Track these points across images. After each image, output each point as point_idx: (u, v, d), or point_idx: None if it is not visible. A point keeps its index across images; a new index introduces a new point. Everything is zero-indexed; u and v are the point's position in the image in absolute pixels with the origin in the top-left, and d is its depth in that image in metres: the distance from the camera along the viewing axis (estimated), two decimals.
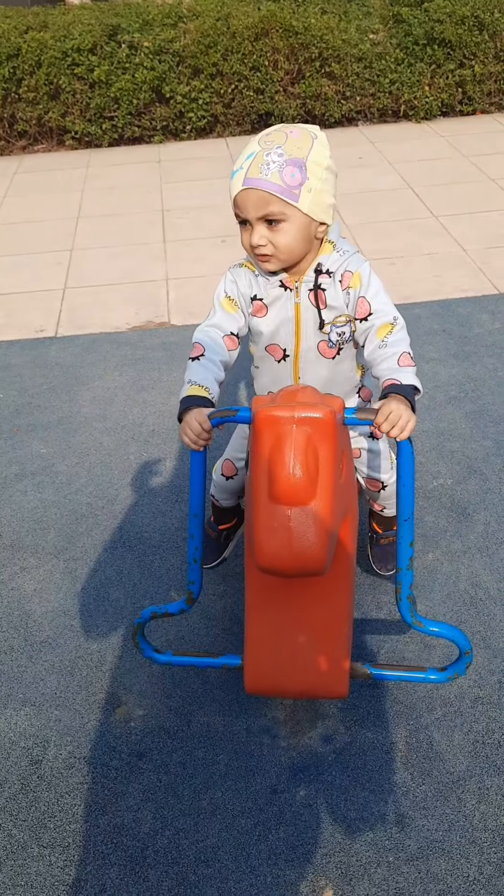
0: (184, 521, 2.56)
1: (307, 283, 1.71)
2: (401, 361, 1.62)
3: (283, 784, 1.81)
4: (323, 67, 6.17)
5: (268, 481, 1.41)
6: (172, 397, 3.18)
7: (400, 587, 1.65)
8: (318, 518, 1.40)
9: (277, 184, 1.54)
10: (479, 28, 6.21)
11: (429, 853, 1.67)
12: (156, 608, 1.78)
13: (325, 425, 1.41)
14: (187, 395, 1.63)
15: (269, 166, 1.54)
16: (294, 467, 1.38)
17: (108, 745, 1.91)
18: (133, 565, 2.40)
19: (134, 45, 6.04)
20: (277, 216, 1.57)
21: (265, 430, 1.41)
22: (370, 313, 1.68)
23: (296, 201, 1.56)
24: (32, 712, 1.99)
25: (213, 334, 1.75)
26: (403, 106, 6.41)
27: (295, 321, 1.75)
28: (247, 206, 1.59)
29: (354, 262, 1.70)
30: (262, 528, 1.41)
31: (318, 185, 1.58)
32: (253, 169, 1.55)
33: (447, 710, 1.94)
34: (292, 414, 1.39)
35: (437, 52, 6.24)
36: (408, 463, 1.53)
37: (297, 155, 1.55)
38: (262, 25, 6.03)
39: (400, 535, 1.60)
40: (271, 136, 1.57)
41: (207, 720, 1.95)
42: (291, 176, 1.54)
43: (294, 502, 1.40)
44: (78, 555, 2.45)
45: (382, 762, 1.84)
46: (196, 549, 1.67)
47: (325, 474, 1.41)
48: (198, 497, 1.63)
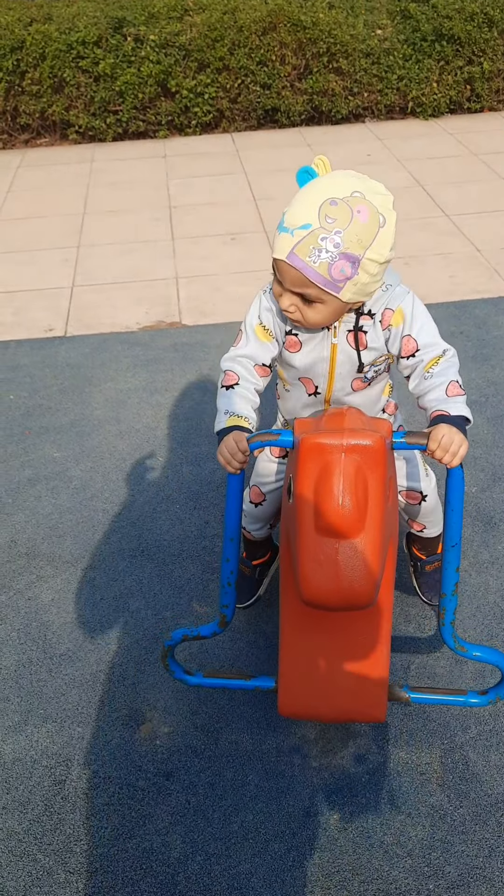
0: (203, 528, 2.50)
1: (346, 324, 1.61)
2: (449, 391, 1.53)
3: (316, 806, 1.75)
4: (331, 63, 6.09)
5: (314, 512, 1.34)
6: (187, 400, 3.12)
7: (444, 613, 1.59)
8: (366, 552, 1.34)
9: (323, 276, 1.43)
10: (488, 24, 6.14)
11: (470, 880, 1.62)
12: (187, 630, 1.71)
13: (376, 453, 1.34)
14: (226, 427, 1.55)
15: (320, 254, 1.41)
16: (343, 499, 1.31)
17: (133, 764, 1.84)
18: (153, 575, 2.34)
19: (139, 39, 5.95)
20: (314, 299, 1.48)
21: (312, 459, 1.34)
22: (417, 349, 1.59)
23: (337, 293, 1.46)
24: (54, 729, 1.93)
25: (246, 363, 1.65)
26: (411, 103, 6.34)
27: (330, 361, 1.64)
28: (284, 276, 1.48)
29: (396, 298, 1.59)
30: (308, 562, 1.35)
31: (366, 279, 1.46)
32: (302, 247, 1.42)
33: (482, 728, 1.88)
34: (341, 441, 1.32)
35: (446, 48, 6.17)
36: (458, 489, 1.46)
37: (355, 250, 1.41)
38: (270, 19, 5.95)
39: (446, 561, 1.54)
40: (337, 208, 1.40)
41: (235, 738, 1.89)
42: (341, 271, 1.42)
43: (342, 535, 1.33)
44: (96, 563, 2.39)
45: (418, 783, 1.78)
46: (231, 572, 1.61)
47: (375, 504, 1.35)
48: (234, 521, 1.56)
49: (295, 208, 1.47)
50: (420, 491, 1.88)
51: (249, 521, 2.01)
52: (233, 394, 1.61)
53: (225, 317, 3.68)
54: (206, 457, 2.79)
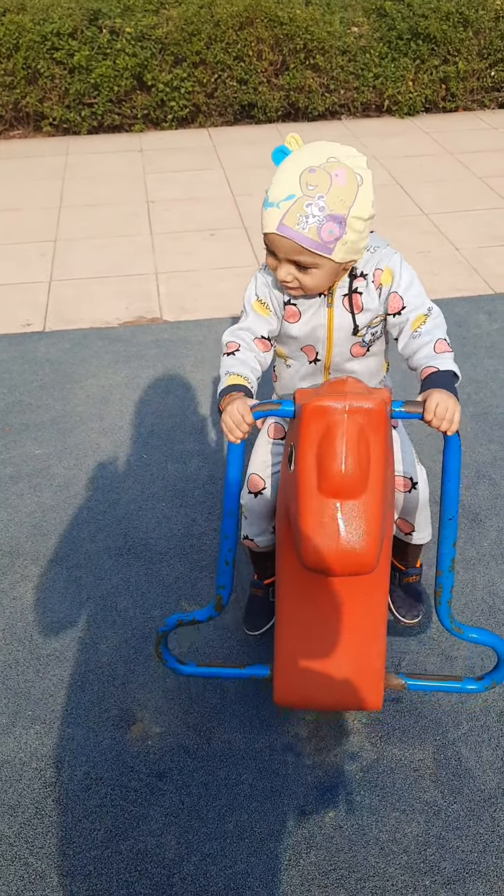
0: (189, 526, 2.48)
1: (341, 288, 1.65)
2: (437, 348, 1.57)
3: (310, 805, 1.74)
4: (307, 59, 6.09)
5: (316, 474, 1.34)
6: (170, 397, 3.09)
7: (441, 590, 1.59)
8: (368, 514, 1.34)
9: (314, 240, 1.49)
10: (463, 24, 6.19)
11: (465, 875, 1.62)
12: (182, 615, 1.70)
13: (378, 416, 1.35)
14: (227, 385, 1.57)
15: (307, 220, 1.47)
16: (346, 459, 1.31)
17: (125, 764, 1.82)
18: (140, 573, 2.31)
19: (115, 31, 5.88)
20: (308, 264, 1.53)
21: (315, 421, 1.34)
22: (403, 307, 1.63)
23: (329, 254, 1.51)
24: (43, 730, 1.90)
25: (245, 336, 1.68)
26: (387, 101, 6.36)
27: (328, 327, 1.69)
28: (277, 247, 1.53)
29: (385, 258, 1.64)
30: (310, 523, 1.34)
31: (354, 237, 1.52)
32: (290, 217, 1.48)
33: (473, 724, 1.90)
34: (344, 404, 1.33)
35: (422, 47, 6.20)
36: (455, 458, 1.47)
37: (339, 210, 1.47)
38: (247, 14, 5.92)
39: (443, 536, 1.55)
40: (316, 175, 1.46)
41: (228, 737, 1.87)
42: (329, 232, 1.48)
43: (345, 496, 1.33)
44: (81, 562, 2.35)
45: (411, 780, 1.79)
46: (229, 549, 1.59)
47: (376, 467, 1.35)
48: (233, 494, 1.55)
49: (276, 183, 1.52)
50: (411, 477, 1.86)
51: (250, 522, 1.97)
52: (233, 358, 1.63)
53: (206, 313, 3.65)
54: (191, 454, 2.77)
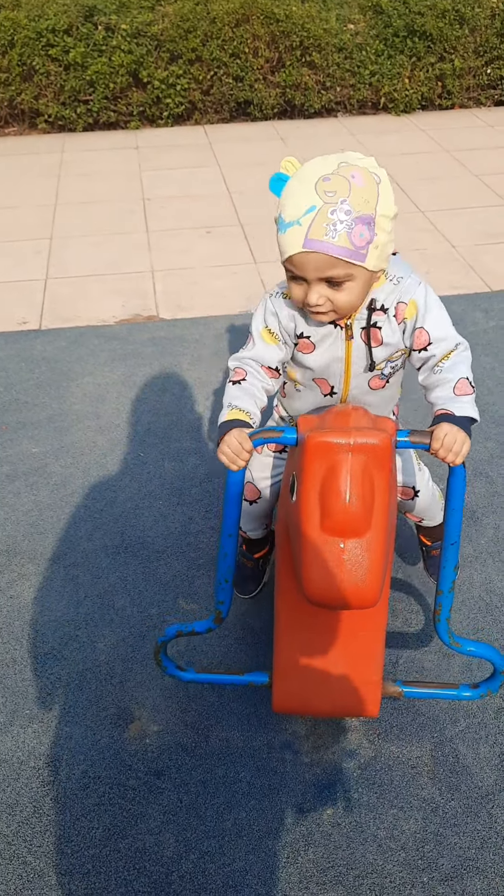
0: (186, 524, 2.48)
1: (359, 321, 1.57)
2: (457, 389, 1.49)
3: (308, 802, 1.75)
4: (303, 56, 6.08)
5: (319, 511, 1.33)
6: (167, 395, 3.09)
7: (440, 609, 1.59)
8: (371, 551, 1.33)
9: (346, 247, 1.39)
10: (459, 22, 6.18)
11: (463, 872, 1.63)
12: (181, 626, 1.70)
13: (382, 452, 1.33)
14: (227, 420, 1.52)
15: (335, 227, 1.37)
16: (350, 498, 1.30)
17: (123, 763, 1.82)
18: (137, 572, 2.31)
19: (111, 28, 5.87)
20: (342, 278, 1.43)
21: (318, 457, 1.33)
22: (430, 343, 1.55)
23: (363, 262, 1.42)
24: (41, 729, 1.89)
25: (252, 364, 1.61)
26: (383, 98, 6.36)
27: (345, 361, 1.61)
28: (306, 268, 1.42)
29: (408, 290, 1.54)
30: (313, 562, 1.34)
31: (384, 238, 1.43)
32: (316, 229, 1.37)
33: (471, 721, 1.90)
34: (348, 440, 1.31)
35: (418, 44, 6.19)
36: (459, 488, 1.46)
37: (366, 211, 1.38)
38: (243, 11, 5.91)
39: (444, 559, 1.55)
40: (332, 182, 1.37)
41: (226, 735, 1.88)
42: (360, 236, 1.38)
43: (348, 534, 1.32)
44: (78, 561, 2.35)
45: (409, 777, 1.79)
46: (228, 568, 1.59)
47: (380, 504, 1.34)
48: (233, 517, 1.55)
49: (289, 202, 1.42)
50: (413, 486, 1.88)
51: (245, 521, 1.98)
52: (238, 389, 1.57)
53: (203, 311, 3.65)
54: (189, 452, 2.77)
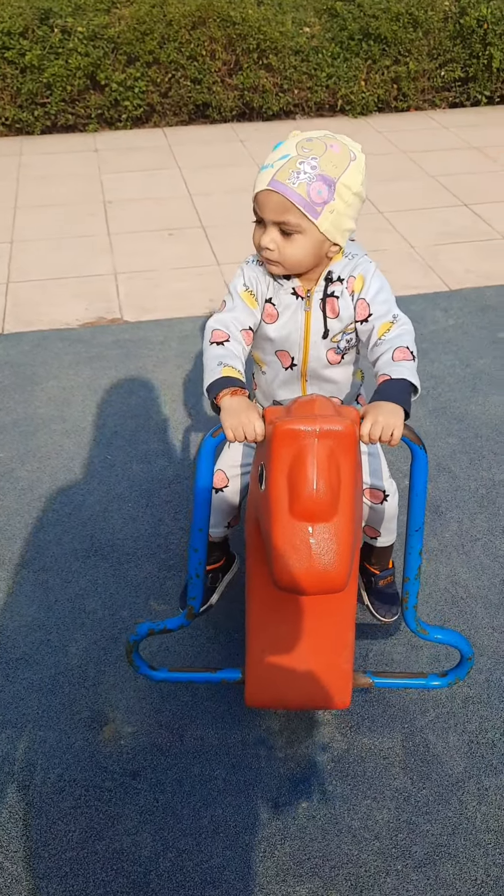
0: (156, 526, 2.48)
1: (318, 293, 1.66)
2: (395, 356, 1.55)
3: (284, 797, 1.77)
4: (261, 59, 6.12)
5: (288, 497, 1.36)
6: (133, 397, 3.09)
7: (407, 597, 1.63)
8: (339, 535, 1.36)
9: (302, 196, 1.51)
10: (413, 25, 6.28)
11: (435, 858, 1.67)
12: (152, 624, 1.71)
13: (347, 438, 1.36)
14: (223, 376, 1.53)
15: (298, 175, 1.50)
16: (317, 483, 1.34)
17: (98, 765, 1.83)
18: (108, 574, 2.31)
19: (67, 30, 5.84)
20: (293, 227, 1.54)
21: (285, 444, 1.36)
22: (370, 314, 1.64)
23: (315, 218, 1.53)
24: (14, 734, 1.89)
25: (232, 326, 1.64)
26: (340, 101, 6.43)
27: (304, 330, 1.69)
28: (266, 207, 1.55)
29: (359, 266, 1.66)
30: (282, 547, 1.36)
31: (342, 207, 1.54)
32: (282, 172, 1.51)
33: (440, 711, 1.94)
34: (314, 427, 1.34)
35: (373, 47, 6.27)
36: (422, 471, 1.50)
37: (330, 173, 1.51)
38: (200, 14, 5.92)
39: (410, 545, 1.58)
40: (312, 142, 1.53)
41: (201, 734, 1.89)
42: (318, 192, 1.50)
43: (316, 519, 1.35)
44: (48, 565, 2.34)
45: (381, 768, 1.83)
46: (199, 563, 1.61)
47: (346, 489, 1.38)
48: (203, 510, 1.56)
49: (274, 152, 1.57)
50: (383, 490, 1.90)
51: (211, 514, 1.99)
52: (223, 349, 1.59)
53: (166, 313, 3.66)
54: (156, 454, 2.78)
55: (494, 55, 6.39)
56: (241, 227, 4.50)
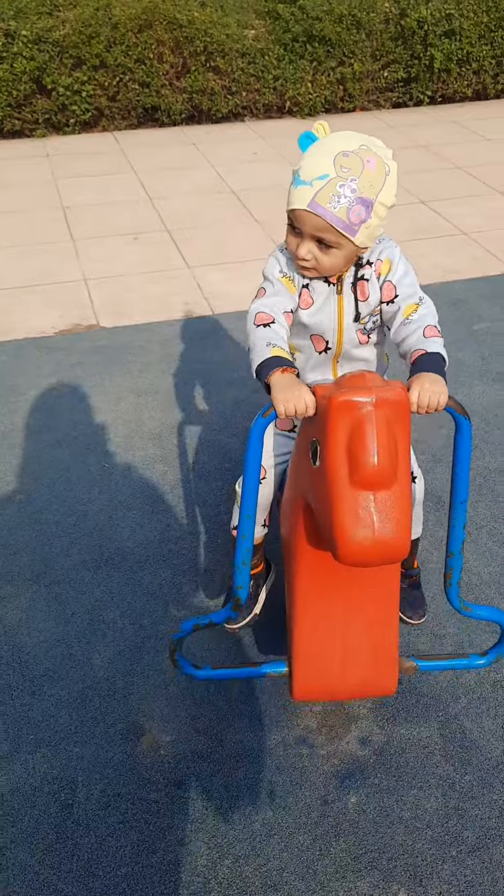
0: (164, 532, 2.45)
1: (349, 277, 1.70)
2: (426, 333, 1.61)
3: (332, 794, 1.77)
4: (208, 62, 6.12)
5: (348, 467, 1.36)
6: (122, 403, 3.04)
7: (451, 573, 1.64)
8: (399, 502, 1.37)
9: (342, 220, 1.54)
10: (356, 27, 6.37)
11: (487, 842, 1.69)
12: (197, 619, 1.68)
13: (401, 406, 1.38)
14: (272, 356, 1.54)
15: (339, 200, 1.52)
16: (379, 451, 1.34)
17: (141, 777, 1.79)
18: (122, 583, 2.27)
19: (10, 34, 5.72)
20: (331, 243, 1.58)
21: (343, 416, 1.36)
22: (396, 296, 1.68)
23: (353, 236, 1.57)
24: (49, 752, 1.84)
25: (277, 308, 1.66)
26: (288, 102, 6.47)
27: (338, 314, 1.72)
28: (304, 223, 1.58)
29: (386, 250, 1.69)
30: (346, 517, 1.36)
31: (376, 223, 1.58)
32: (323, 195, 1.53)
33: (471, 697, 1.97)
34: (371, 397, 1.35)
35: (318, 49, 6.34)
36: (466, 442, 1.52)
37: (369, 195, 1.54)
38: (146, 17, 5.89)
39: (454, 518, 1.60)
40: (350, 159, 1.53)
41: (240, 738, 1.87)
42: (357, 214, 1.54)
43: (378, 487, 1.36)
44: (59, 577, 2.29)
45: (423, 757, 1.84)
46: (248, 550, 1.58)
47: (403, 456, 1.39)
48: (251, 496, 1.55)
49: (309, 162, 1.57)
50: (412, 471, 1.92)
51: None
52: (270, 330, 1.61)
53: (144, 317, 3.62)
54: (155, 460, 2.74)
55: (436, 56, 6.54)
56: (207, 230, 4.50)
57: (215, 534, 2.43)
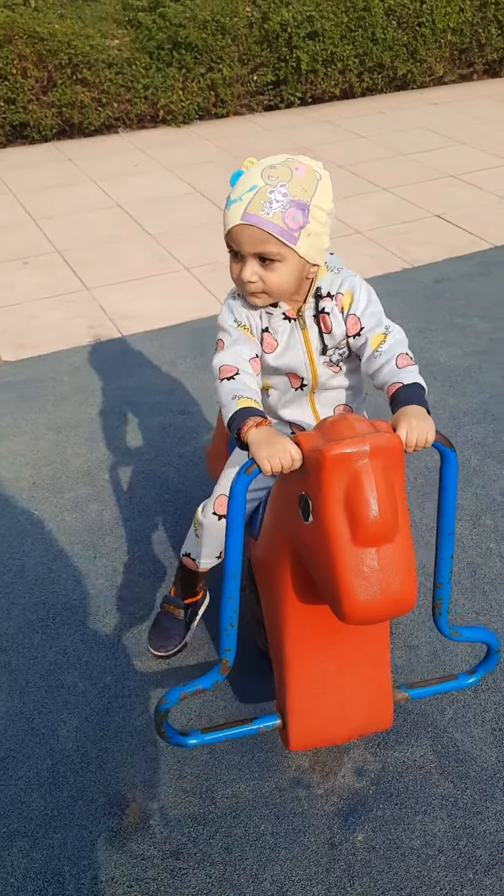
0: (111, 577, 2.30)
1: (309, 310, 1.63)
2: (399, 363, 1.56)
3: (337, 834, 1.69)
4: (74, 74, 5.92)
5: (349, 525, 1.28)
6: (41, 441, 2.85)
7: (441, 603, 1.60)
8: (404, 552, 1.31)
9: (278, 225, 1.47)
10: (221, 32, 6.32)
11: (501, 857, 1.65)
12: (183, 688, 1.56)
13: (396, 453, 1.31)
14: (241, 408, 1.45)
15: (271, 205, 1.46)
16: (379, 505, 1.27)
17: (133, 854, 1.65)
18: (76, 641, 2.11)
19: None
20: (273, 256, 1.50)
21: (337, 470, 1.27)
22: (361, 328, 1.61)
23: (294, 244, 1.49)
24: (27, 844, 1.66)
25: (239, 358, 1.57)
26: (161, 111, 6.36)
27: (306, 347, 1.64)
28: (242, 241, 1.51)
29: (346, 281, 1.62)
30: (352, 578, 1.28)
31: (317, 228, 1.51)
32: (254, 205, 1.47)
33: (456, 707, 1.94)
34: (363, 447, 1.27)
35: (185, 56, 6.26)
36: (452, 474, 1.47)
37: (302, 197, 1.48)
38: (4, 32, 5.62)
39: (443, 549, 1.55)
40: (276, 170, 1.49)
41: (232, 791, 1.76)
42: (293, 218, 1.48)
43: (381, 542, 1.29)
44: (4, 644, 2.10)
45: (421, 778, 1.79)
46: (234, 612, 1.48)
47: (402, 503, 1.32)
48: (236, 556, 1.44)
49: (237, 185, 1.53)
50: None
51: (201, 542, 1.86)
52: (235, 382, 1.52)
53: (49, 346, 3.42)
54: (87, 499, 2.58)
55: (301, 57, 6.58)
56: (100, 248, 4.33)
57: (168, 571, 2.30)
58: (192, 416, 2.97)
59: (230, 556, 1.44)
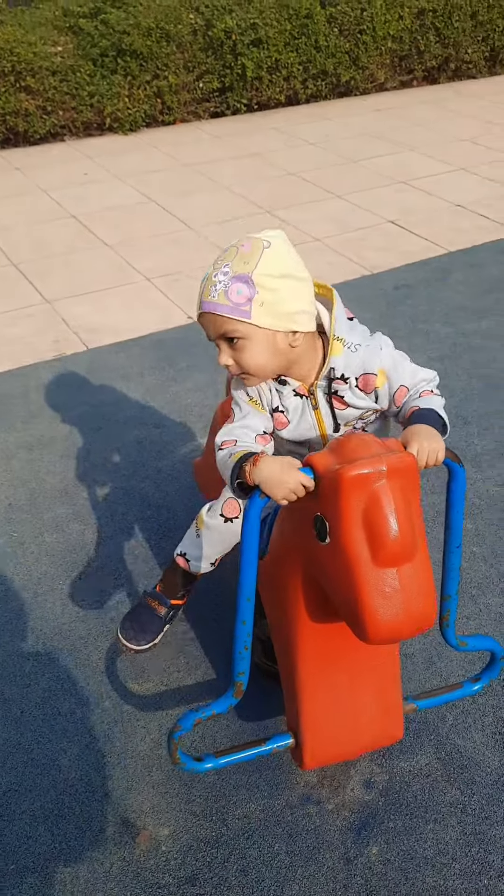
0: (100, 599, 2.25)
1: (321, 389, 1.61)
2: (422, 394, 1.60)
3: (352, 849, 1.69)
4: (18, 82, 5.81)
5: (369, 546, 1.28)
6: (14, 461, 2.78)
7: (448, 615, 1.61)
8: (423, 570, 1.31)
9: (224, 304, 1.49)
10: (166, 39, 6.29)
11: None
12: (197, 713, 1.53)
13: (410, 471, 1.31)
14: (241, 455, 1.47)
15: (216, 287, 1.50)
16: (399, 525, 1.27)
17: (147, 883, 1.62)
18: (69, 666, 2.06)
19: None
20: (235, 335, 1.51)
21: (356, 491, 1.27)
22: (408, 392, 1.61)
23: (248, 318, 1.49)
24: (37, 881, 1.61)
25: (242, 434, 1.57)
26: (108, 118, 6.29)
27: (318, 428, 1.65)
28: (206, 329, 1.57)
29: (372, 360, 1.58)
30: (375, 599, 1.28)
31: (269, 296, 1.48)
32: (205, 292, 1.52)
33: (456, 713, 1.96)
34: (381, 467, 1.27)
35: (130, 63, 6.21)
36: (460, 489, 1.49)
37: (243, 271, 1.48)
38: None
39: (450, 562, 1.56)
40: (226, 252, 1.53)
41: (243, 812, 1.74)
42: (238, 293, 1.48)
43: (401, 561, 1.29)
44: None
45: (428, 787, 1.80)
46: (248, 635, 1.47)
47: (419, 520, 1.33)
48: (249, 578, 1.43)
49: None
50: None
51: (201, 544, 1.85)
52: (231, 447, 1.54)
53: (13, 362, 3.35)
54: (67, 519, 2.52)
55: (246, 64, 6.60)
56: (57, 259, 4.25)
57: None
58: (168, 430, 2.94)
59: (244, 579, 1.43)
